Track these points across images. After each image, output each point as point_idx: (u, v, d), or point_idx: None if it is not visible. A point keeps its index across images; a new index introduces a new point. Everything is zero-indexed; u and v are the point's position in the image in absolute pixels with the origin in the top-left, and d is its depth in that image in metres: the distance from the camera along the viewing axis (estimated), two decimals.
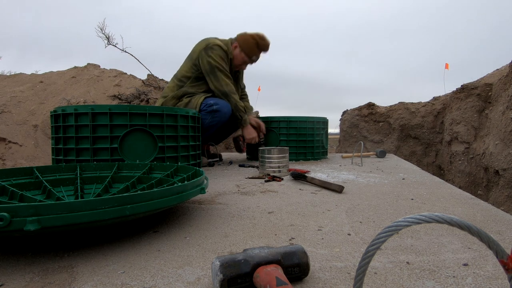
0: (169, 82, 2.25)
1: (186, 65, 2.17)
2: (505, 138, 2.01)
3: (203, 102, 2.05)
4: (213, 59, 2.05)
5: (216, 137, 2.42)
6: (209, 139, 2.28)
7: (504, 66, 3.32)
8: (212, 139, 2.37)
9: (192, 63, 2.13)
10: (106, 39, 4.51)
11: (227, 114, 2.10)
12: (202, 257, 0.61)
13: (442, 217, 0.28)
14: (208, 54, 2.05)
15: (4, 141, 3.64)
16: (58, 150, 1.45)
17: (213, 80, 2.08)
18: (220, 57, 2.09)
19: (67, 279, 0.52)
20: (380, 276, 0.53)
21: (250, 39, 2.19)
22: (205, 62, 2.06)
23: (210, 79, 2.08)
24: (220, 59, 2.09)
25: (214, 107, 2.02)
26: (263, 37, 2.23)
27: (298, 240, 0.70)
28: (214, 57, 2.06)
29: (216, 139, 2.42)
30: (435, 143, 3.40)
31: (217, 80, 2.07)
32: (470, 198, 1.09)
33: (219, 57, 2.09)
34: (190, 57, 2.17)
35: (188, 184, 0.78)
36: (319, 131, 2.48)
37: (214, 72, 2.06)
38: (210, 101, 2.04)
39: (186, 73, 2.15)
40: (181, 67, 2.21)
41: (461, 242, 0.67)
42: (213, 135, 2.27)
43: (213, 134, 2.24)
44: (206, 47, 2.07)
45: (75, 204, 0.58)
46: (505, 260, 0.27)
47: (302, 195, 1.18)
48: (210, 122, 2.06)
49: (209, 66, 2.05)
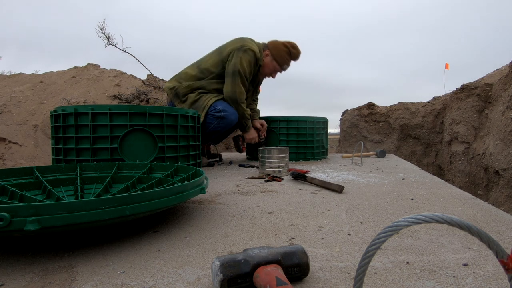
0: (189, 68, 2.16)
1: (213, 59, 2.09)
2: (505, 138, 2.01)
3: (212, 105, 2.01)
4: (241, 64, 2.00)
5: (217, 138, 2.43)
6: (209, 139, 2.28)
7: (504, 66, 3.32)
8: (213, 139, 2.38)
9: (221, 59, 2.06)
10: (106, 39, 4.51)
11: (233, 122, 2.07)
12: (202, 257, 0.61)
13: (442, 217, 0.28)
14: (239, 56, 2.00)
15: (4, 141, 3.64)
16: (58, 150, 1.45)
17: (229, 83, 2.03)
18: (249, 63, 2.04)
19: (67, 279, 0.52)
20: (380, 276, 0.53)
21: (282, 47, 2.16)
22: (232, 62, 2.01)
23: (228, 81, 2.04)
24: (247, 66, 2.04)
25: (222, 113, 1.99)
26: (295, 46, 2.21)
27: (298, 240, 0.70)
28: (244, 61, 2.01)
29: (216, 140, 2.43)
30: (435, 143, 3.40)
31: (234, 85, 2.03)
32: (470, 198, 1.09)
33: (248, 63, 2.04)
34: (220, 53, 2.09)
35: (188, 184, 0.78)
36: (319, 131, 2.48)
37: (235, 76, 2.01)
38: (219, 107, 2.00)
39: (211, 67, 2.07)
40: (207, 59, 2.13)
41: (461, 242, 0.67)
42: (215, 138, 2.27)
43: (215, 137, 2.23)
44: (240, 48, 2.02)
45: (75, 204, 0.58)
46: (505, 260, 0.27)
47: (302, 195, 1.18)
48: (215, 127, 2.04)
49: (233, 68, 2.00)
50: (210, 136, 2.14)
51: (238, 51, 2.01)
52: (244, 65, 2.01)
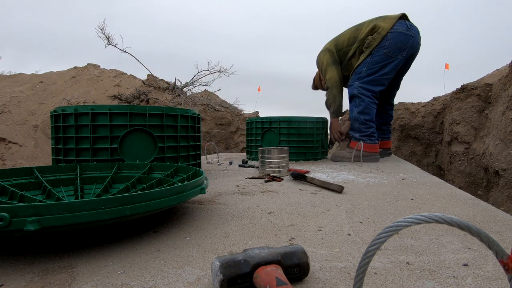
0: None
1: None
2: (505, 138, 2.01)
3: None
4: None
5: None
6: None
7: (504, 66, 3.32)
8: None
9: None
10: (106, 39, 4.51)
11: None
12: (202, 257, 0.61)
13: (442, 217, 0.28)
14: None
15: (4, 141, 3.63)
16: (58, 150, 1.45)
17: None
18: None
19: (67, 279, 0.52)
20: (380, 276, 0.53)
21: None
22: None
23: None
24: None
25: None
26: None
27: (298, 240, 0.70)
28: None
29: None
30: (435, 143, 3.40)
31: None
32: (470, 199, 1.09)
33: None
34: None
35: (188, 184, 0.78)
36: (319, 131, 2.48)
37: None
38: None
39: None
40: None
41: (461, 242, 0.67)
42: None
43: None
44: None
45: (75, 204, 0.58)
46: (505, 260, 0.27)
47: (302, 195, 1.18)
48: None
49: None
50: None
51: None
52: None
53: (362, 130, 2.29)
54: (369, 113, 2.27)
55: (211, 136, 3.99)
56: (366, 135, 2.29)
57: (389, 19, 2.15)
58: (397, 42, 2.10)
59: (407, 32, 2.10)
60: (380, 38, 2.10)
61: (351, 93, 2.31)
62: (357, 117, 2.29)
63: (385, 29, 2.11)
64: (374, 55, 2.14)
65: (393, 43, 2.10)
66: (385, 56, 2.12)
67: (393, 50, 2.11)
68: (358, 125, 2.30)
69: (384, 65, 2.14)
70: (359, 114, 2.28)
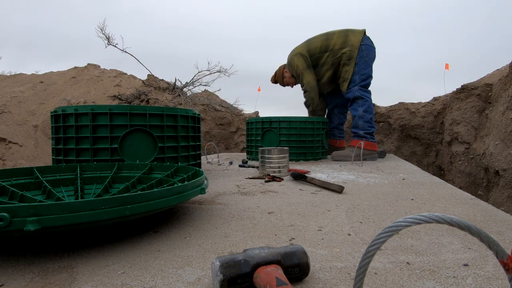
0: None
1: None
2: (505, 139, 2.01)
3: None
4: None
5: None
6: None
7: (504, 66, 3.32)
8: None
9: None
10: (106, 40, 4.51)
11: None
12: (202, 258, 0.61)
13: (442, 217, 0.28)
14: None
15: (4, 141, 3.64)
16: (58, 150, 1.45)
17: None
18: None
19: (67, 279, 0.52)
20: (380, 276, 0.53)
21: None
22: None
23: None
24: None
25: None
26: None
27: (298, 240, 0.70)
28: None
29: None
30: (435, 144, 3.40)
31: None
32: (470, 199, 1.09)
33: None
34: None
35: (188, 184, 0.78)
36: (319, 131, 2.48)
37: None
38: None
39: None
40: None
41: (461, 242, 0.67)
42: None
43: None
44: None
45: (75, 204, 0.58)
46: (505, 260, 0.27)
47: (302, 196, 1.18)
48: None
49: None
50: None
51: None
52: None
53: (366, 128, 2.45)
54: (372, 112, 2.51)
55: (211, 136, 3.99)
56: (369, 133, 2.45)
57: (358, 33, 2.51)
58: (370, 52, 2.50)
59: (372, 45, 2.56)
60: (356, 50, 2.47)
61: (353, 96, 2.50)
62: (363, 115, 2.45)
63: (357, 41, 2.48)
64: (359, 64, 2.48)
65: (368, 53, 2.49)
66: (366, 64, 2.49)
67: (369, 58, 2.50)
68: (363, 123, 2.45)
69: (368, 71, 2.50)
70: (365, 112, 2.46)
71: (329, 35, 2.58)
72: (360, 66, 2.47)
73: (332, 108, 2.88)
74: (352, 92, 2.49)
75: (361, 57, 2.47)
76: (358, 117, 2.46)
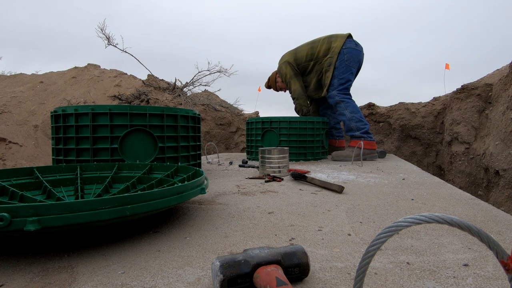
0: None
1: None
2: (505, 139, 2.01)
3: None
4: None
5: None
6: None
7: (504, 66, 3.32)
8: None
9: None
10: (107, 40, 4.51)
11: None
12: (202, 258, 0.61)
13: (442, 217, 0.28)
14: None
15: (5, 141, 3.64)
16: (58, 151, 1.45)
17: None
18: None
19: (67, 279, 0.52)
20: (381, 276, 0.53)
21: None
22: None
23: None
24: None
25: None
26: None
27: (298, 240, 0.70)
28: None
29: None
30: (435, 144, 3.39)
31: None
32: (470, 199, 1.09)
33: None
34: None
35: (188, 185, 0.78)
36: (319, 132, 2.48)
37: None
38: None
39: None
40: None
41: (462, 242, 0.67)
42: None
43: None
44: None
45: (75, 204, 0.58)
46: (506, 260, 0.27)
47: (302, 196, 1.18)
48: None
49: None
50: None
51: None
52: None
53: (359, 127, 2.47)
54: (359, 111, 2.53)
55: (211, 136, 3.99)
56: (364, 132, 2.47)
57: (340, 38, 2.57)
58: (352, 55, 2.54)
59: (357, 48, 2.58)
60: (336, 55, 2.51)
61: (334, 101, 2.55)
62: (352, 117, 2.48)
63: (338, 47, 2.53)
64: (338, 68, 2.52)
65: (350, 56, 2.53)
66: (346, 68, 2.53)
67: (350, 61, 2.54)
68: (355, 124, 2.47)
69: (348, 74, 2.54)
70: (352, 113, 2.48)
71: (315, 43, 2.65)
72: (339, 70, 2.52)
73: (323, 109, 2.93)
74: (332, 98, 2.55)
75: (342, 61, 2.52)
76: (348, 120, 2.49)
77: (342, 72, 2.52)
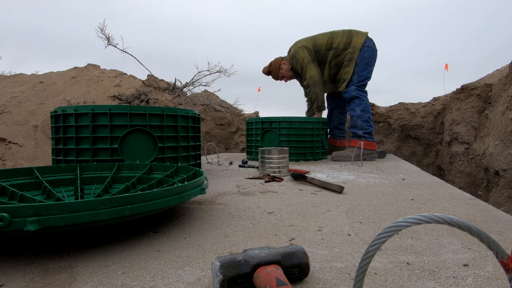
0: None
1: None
2: (505, 139, 2.01)
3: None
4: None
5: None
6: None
7: (504, 67, 3.32)
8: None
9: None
10: (106, 40, 4.51)
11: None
12: (202, 258, 0.61)
13: (442, 217, 0.28)
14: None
15: (4, 142, 3.64)
16: (58, 151, 1.45)
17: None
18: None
19: (67, 280, 0.52)
20: (380, 276, 0.53)
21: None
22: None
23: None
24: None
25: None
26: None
27: (298, 240, 0.70)
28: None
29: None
30: (435, 144, 3.39)
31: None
32: (470, 199, 1.09)
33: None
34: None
35: (188, 185, 0.78)
36: (319, 132, 2.48)
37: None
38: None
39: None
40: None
41: (461, 242, 0.67)
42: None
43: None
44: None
45: (75, 205, 0.58)
46: (505, 260, 0.27)
47: (302, 196, 1.18)
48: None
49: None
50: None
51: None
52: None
53: (364, 127, 2.48)
54: (369, 111, 2.52)
55: (211, 136, 3.99)
56: (367, 132, 2.49)
57: (361, 35, 2.54)
58: (371, 54, 2.54)
59: (374, 47, 2.59)
60: (358, 51, 2.50)
61: (350, 95, 2.53)
62: (361, 115, 2.48)
63: (359, 43, 2.50)
64: (359, 65, 2.51)
65: (369, 55, 2.53)
66: (366, 65, 2.53)
67: (370, 60, 2.54)
68: (361, 123, 2.48)
69: (366, 72, 2.54)
70: (362, 112, 2.49)
71: (334, 33, 2.59)
72: (359, 67, 2.50)
73: (332, 108, 2.90)
74: (349, 92, 2.52)
75: (362, 58, 2.50)
76: (356, 116, 2.49)
77: (361, 69, 2.50)
